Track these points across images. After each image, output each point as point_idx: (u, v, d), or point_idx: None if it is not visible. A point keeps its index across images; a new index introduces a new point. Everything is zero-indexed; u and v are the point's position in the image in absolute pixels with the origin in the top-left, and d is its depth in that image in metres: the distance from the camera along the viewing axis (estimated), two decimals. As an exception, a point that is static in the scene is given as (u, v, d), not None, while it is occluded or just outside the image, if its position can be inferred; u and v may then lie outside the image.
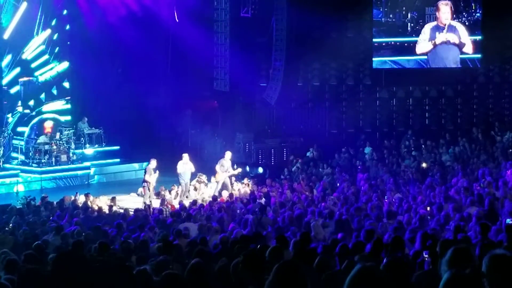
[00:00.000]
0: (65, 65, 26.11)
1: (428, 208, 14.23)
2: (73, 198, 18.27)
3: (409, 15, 27.11)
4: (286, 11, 25.68)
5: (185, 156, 20.98)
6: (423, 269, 6.93)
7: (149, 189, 20.12)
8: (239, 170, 21.46)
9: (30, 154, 23.54)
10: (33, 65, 25.72)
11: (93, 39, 25.78)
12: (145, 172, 20.52)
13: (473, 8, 27.07)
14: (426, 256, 7.26)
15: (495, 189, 16.29)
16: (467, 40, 26.95)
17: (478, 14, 27.05)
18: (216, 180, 20.93)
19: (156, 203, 19.05)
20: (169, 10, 26.72)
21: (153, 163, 20.49)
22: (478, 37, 27.10)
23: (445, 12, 26.99)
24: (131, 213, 16.20)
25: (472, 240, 9.18)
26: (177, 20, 26.34)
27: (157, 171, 20.48)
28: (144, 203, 19.13)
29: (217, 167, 20.89)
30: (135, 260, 8.93)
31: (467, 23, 27.12)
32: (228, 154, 21.31)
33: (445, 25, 27.06)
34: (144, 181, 20.26)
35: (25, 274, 6.53)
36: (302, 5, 25.88)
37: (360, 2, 26.74)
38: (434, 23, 26.96)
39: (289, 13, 25.80)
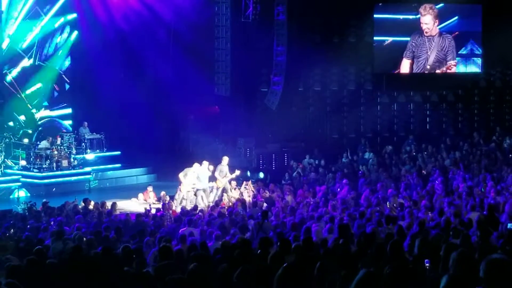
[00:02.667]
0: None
1: (430, 213, 14.22)
2: (74, 203, 18.26)
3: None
4: (287, 16, 25.71)
5: (205, 163, 20.86)
6: (424, 275, 6.92)
7: (180, 190, 20.17)
8: (238, 172, 21.38)
9: (31, 160, 23.55)
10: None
11: (95, 45, 25.83)
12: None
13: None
14: (428, 265, 7.24)
15: (496, 194, 16.29)
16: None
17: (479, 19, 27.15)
18: (217, 186, 20.89)
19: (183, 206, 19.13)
20: (169, 16, 26.74)
21: (195, 166, 20.45)
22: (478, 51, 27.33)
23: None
24: (133, 218, 16.18)
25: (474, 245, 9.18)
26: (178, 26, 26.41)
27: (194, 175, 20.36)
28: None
29: (216, 174, 20.83)
30: (135, 266, 8.91)
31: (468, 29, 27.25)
32: (225, 160, 21.19)
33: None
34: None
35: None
36: (303, 10, 25.93)
37: (362, 7, 26.75)
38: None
39: (290, 18, 25.83)
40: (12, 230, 14.28)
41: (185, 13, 26.18)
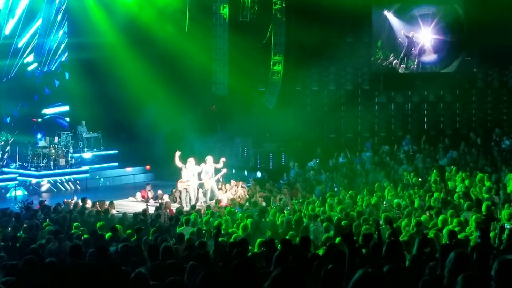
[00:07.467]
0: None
1: (427, 213, 14.21)
2: (70, 202, 18.24)
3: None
4: (284, 16, 25.69)
5: (190, 160, 20.89)
6: (423, 274, 6.90)
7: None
8: (223, 165, 21.28)
9: (29, 158, 23.51)
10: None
11: (92, 43, 25.77)
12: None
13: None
14: (430, 264, 7.22)
15: (495, 194, 16.29)
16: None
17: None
18: (206, 188, 20.79)
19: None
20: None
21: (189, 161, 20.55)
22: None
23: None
24: (130, 217, 16.14)
25: (470, 245, 9.16)
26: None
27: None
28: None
29: (202, 175, 20.72)
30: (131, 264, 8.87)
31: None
32: (209, 160, 21.04)
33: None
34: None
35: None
36: (301, 9, 25.90)
37: (359, 7, 26.71)
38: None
39: (287, 18, 25.81)
40: (9, 229, 14.26)
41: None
